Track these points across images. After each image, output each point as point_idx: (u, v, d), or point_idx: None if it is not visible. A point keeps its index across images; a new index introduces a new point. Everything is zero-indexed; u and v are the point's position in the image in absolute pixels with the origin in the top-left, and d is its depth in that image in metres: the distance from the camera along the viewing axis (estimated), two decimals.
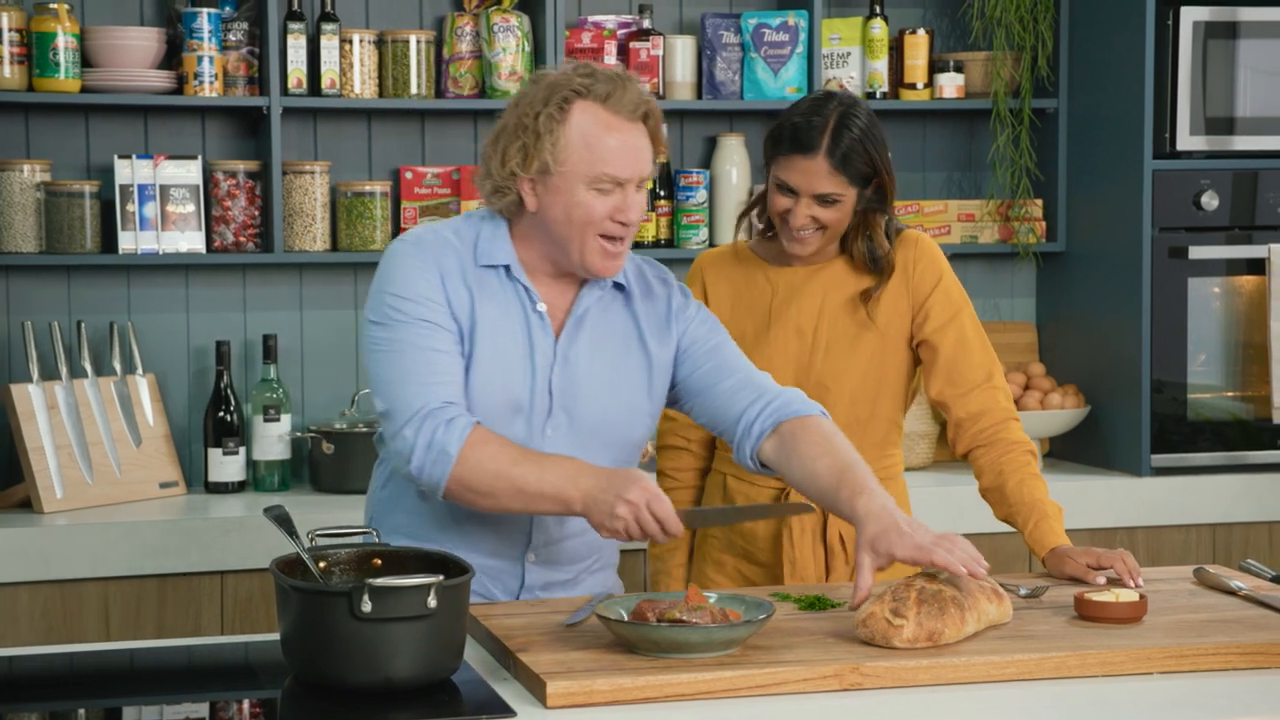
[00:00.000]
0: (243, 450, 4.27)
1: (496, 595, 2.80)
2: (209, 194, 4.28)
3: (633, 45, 4.47)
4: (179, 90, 4.24)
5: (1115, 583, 2.84)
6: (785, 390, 2.80)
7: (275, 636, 2.43)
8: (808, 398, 2.80)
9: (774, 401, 2.77)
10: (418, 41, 4.36)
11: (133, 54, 4.19)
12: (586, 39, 4.44)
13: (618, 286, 2.82)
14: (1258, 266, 4.45)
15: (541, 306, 2.74)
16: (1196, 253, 4.42)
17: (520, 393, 2.72)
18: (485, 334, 2.70)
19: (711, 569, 3.22)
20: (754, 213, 3.23)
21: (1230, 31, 4.39)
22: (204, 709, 2.38)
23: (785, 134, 3.05)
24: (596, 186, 2.66)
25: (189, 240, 4.24)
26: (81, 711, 2.38)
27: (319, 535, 2.53)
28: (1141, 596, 2.63)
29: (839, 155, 3.01)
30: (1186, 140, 4.40)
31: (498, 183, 2.71)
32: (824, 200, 3.03)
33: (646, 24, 4.51)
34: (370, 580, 2.24)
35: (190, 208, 4.24)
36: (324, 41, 4.30)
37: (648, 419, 2.84)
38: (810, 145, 3.01)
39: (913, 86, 4.63)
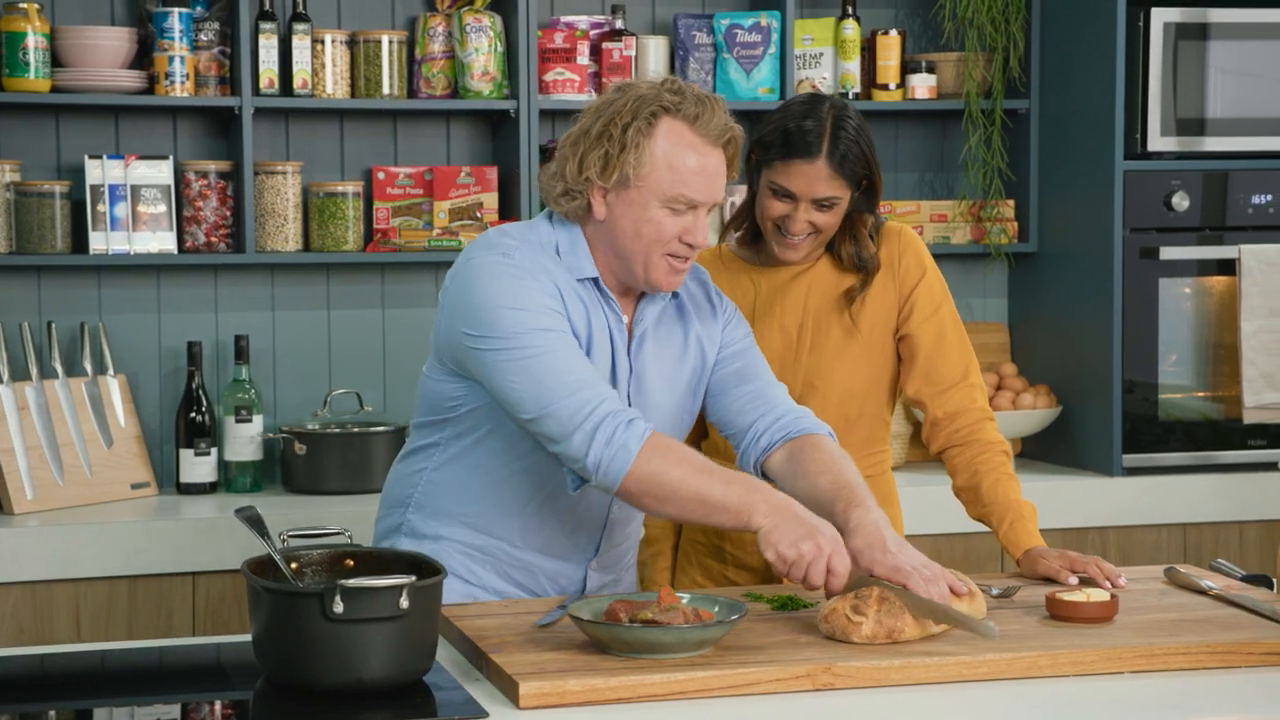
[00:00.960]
0: (214, 451, 4.26)
1: (552, 593, 2.82)
2: (180, 194, 4.27)
3: (605, 45, 4.48)
4: (150, 90, 4.23)
5: (1088, 583, 2.84)
6: (797, 407, 2.82)
7: (247, 637, 2.42)
8: (816, 417, 2.82)
9: (785, 417, 2.79)
10: (390, 42, 4.35)
11: (103, 54, 4.18)
12: (559, 39, 4.44)
13: (673, 295, 2.82)
14: (1228, 267, 4.47)
15: (625, 319, 2.74)
16: (1167, 253, 4.43)
17: None
18: (583, 339, 2.69)
19: (698, 573, 3.22)
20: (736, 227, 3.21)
21: (1201, 33, 4.41)
22: (176, 710, 2.38)
23: (780, 139, 3.01)
24: (671, 206, 2.63)
25: (160, 240, 4.23)
26: (52, 713, 2.37)
27: (291, 536, 2.53)
28: (1113, 596, 2.63)
29: (839, 158, 2.99)
30: (1157, 141, 4.42)
31: (570, 186, 2.67)
32: (822, 204, 3.02)
33: (619, 24, 4.51)
34: (342, 581, 2.23)
35: (161, 208, 4.23)
36: (296, 41, 4.29)
37: (689, 417, 2.86)
38: (811, 150, 2.99)
39: (885, 87, 4.64)
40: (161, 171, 4.24)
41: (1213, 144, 4.47)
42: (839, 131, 3.00)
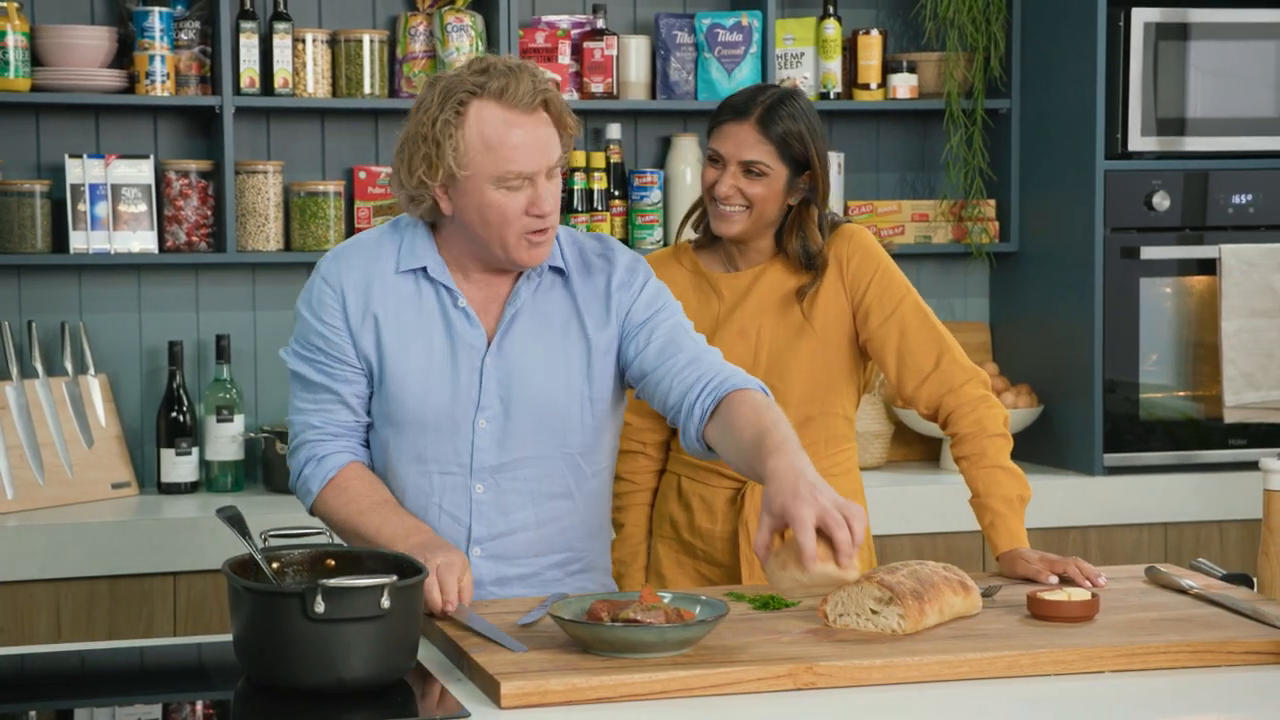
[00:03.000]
0: (196, 451, 4.25)
1: None
2: (161, 194, 4.26)
3: (586, 45, 4.48)
4: (130, 89, 4.22)
5: (1068, 582, 2.85)
6: (727, 367, 2.73)
7: (228, 637, 2.42)
8: (748, 375, 2.73)
9: (713, 379, 2.70)
10: (371, 41, 4.35)
11: (83, 53, 4.17)
12: (540, 39, 4.44)
13: (555, 270, 2.81)
14: (1209, 267, 4.48)
15: (463, 303, 2.75)
16: (1148, 253, 4.44)
17: (441, 392, 2.73)
18: (397, 344, 2.73)
19: (671, 570, 3.22)
20: (695, 215, 3.23)
21: (1181, 33, 4.42)
22: (157, 710, 2.37)
23: (724, 105, 3.11)
24: (505, 185, 2.64)
25: (141, 240, 4.22)
26: (33, 713, 2.36)
27: (272, 536, 2.53)
28: (1094, 596, 2.64)
29: (767, 122, 3.05)
30: (1138, 141, 4.42)
31: (410, 192, 2.70)
32: (750, 170, 3.05)
33: (600, 24, 4.51)
34: (323, 581, 2.23)
35: (142, 207, 4.22)
36: (276, 41, 4.29)
37: (589, 403, 2.79)
38: (741, 111, 3.08)
39: (866, 87, 4.64)
40: (142, 171, 4.23)
41: (1193, 144, 4.48)
42: (777, 104, 3.07)
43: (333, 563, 2.47)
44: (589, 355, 2.79)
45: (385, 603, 2.25)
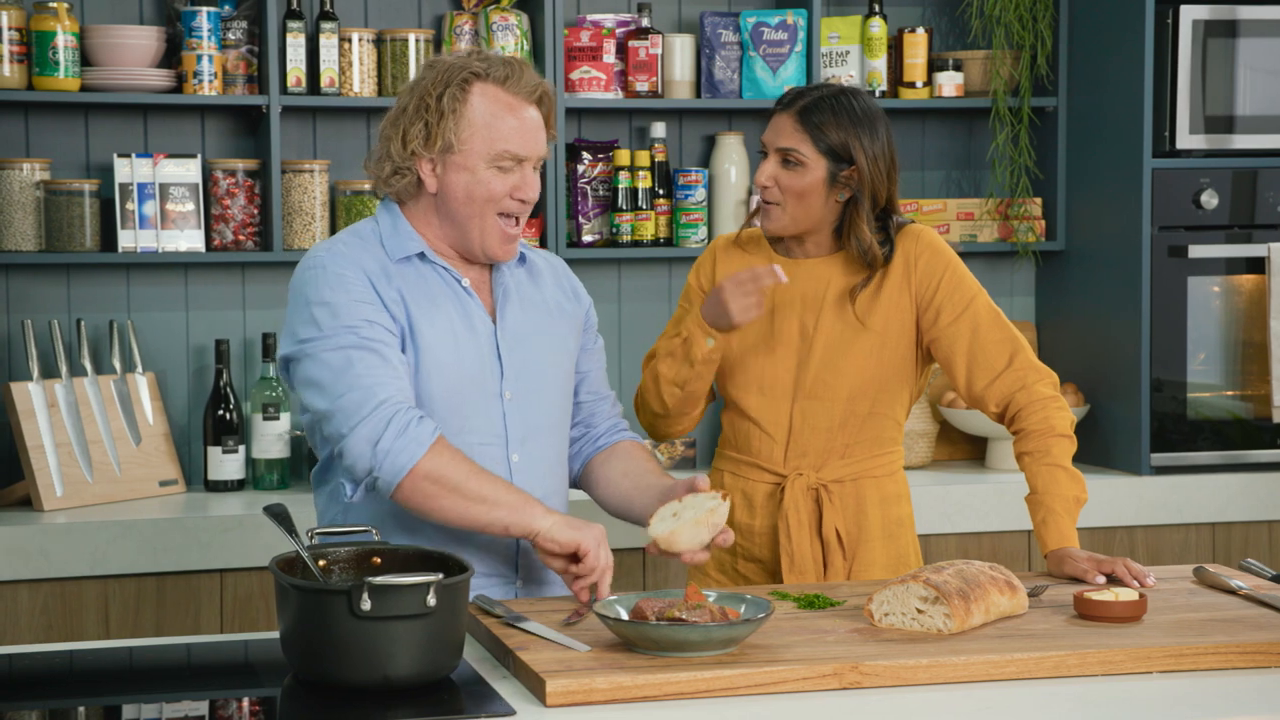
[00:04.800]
0: (242, 448, 4.27)
1: (498, 565, 2.82)
2: (208, 192, 4.28)
3: (631, 44, 4.48)
4: (178, 89, 4.24)
5: (1115, 582, 2.83)
6: (611, 423, 3.01)
7: (275, 635, 2.43)
8: (617, 428, 3.01)
9: (604, 432, 3.00)
10: (416, 40, 4.36)
11: (132, 53, 4.19)
12: (585, 37, 4.44)
13: (520, 258, 2.91)
14: (1257, 265, 4.45)
15: (466, 282, 2.81)
16: (1196, 251, 4.42)
17: (472, 364, 2.77)
18: (425, 320, 2.75)
19: (711, 567, 3.22)
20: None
21: (1230, 30, 4.39)
22: (203, 707, 2.38)
23: (776, 102, 3.14)
24: (498, 164, 2.74)
25: (188, 239, 4.24)
26: (81, 709, 2.38)
27: (318, 533, 2.54)
28: (1141, 596, 2.63)
29: (809, 115, 3.05)
30: (1186, 139, 4.40)
31: (398, 164, 2.76)
32: (787, 160, 3.06)
33: (645, 22, 4.51)
34: (370, 579, 2.24)
35: (189, 206, 4.24)
36: (323, 40, 4.30)
37: (571, 379, 2.95)
38: (788, 103, 3.10)
39: (912, 85, 4.63)
40: (190, 170, 4.25)
41: (1242, 141, 4.45)
42: (822, 97, 3.08)
43: (379, 561, 2.48)
44: (566, 342, 2.92)
45: (431, 601, 2.25)
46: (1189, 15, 4.36)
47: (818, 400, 3.10)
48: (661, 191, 4.54)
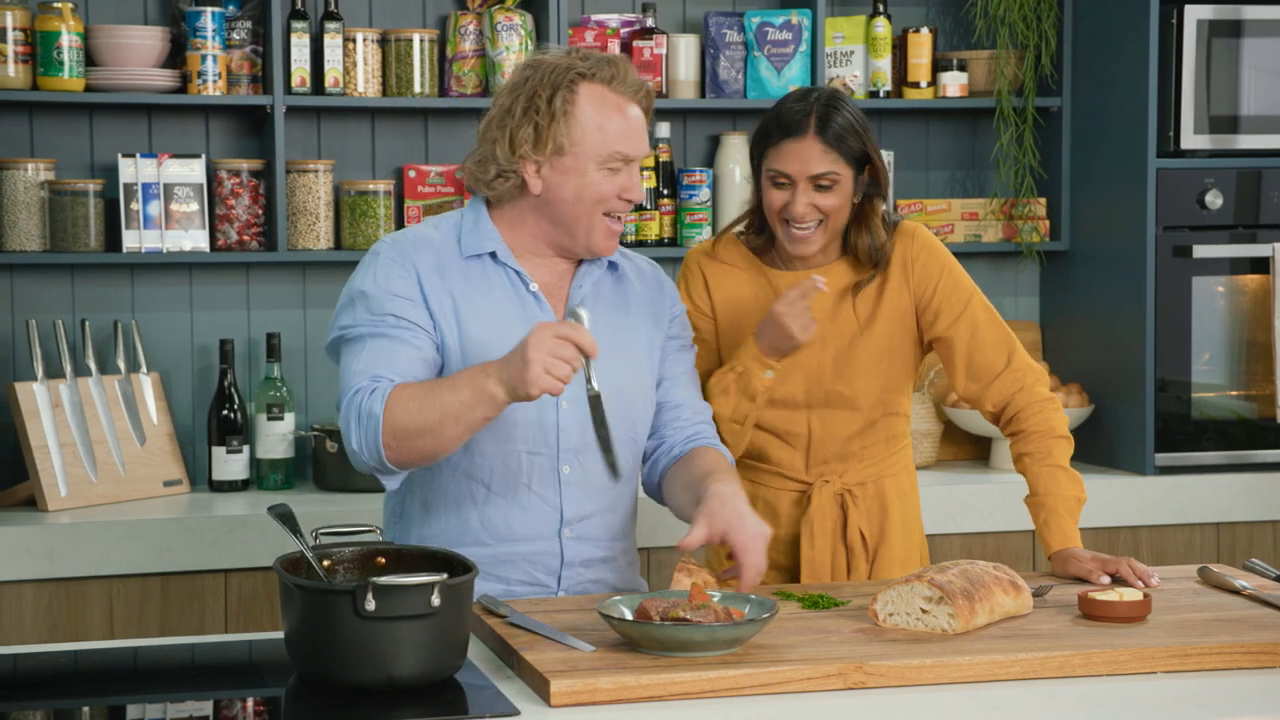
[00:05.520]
0: (246, 449, 4.27)
1: (540, 577, 2.80)
2: (213, 192, 4.28)
3: (636, 44, 4.48)
4: (183, 89, 4.24)
5: (1120, 582, 2.83)
6: (701, 430, 2.92)
7: (279, 635, 2.43)
8: (713, 433, 2.93)
9: (687, 439, 2.90)
10: (421, 40, 4.36)
11: (136, 53, 4.19)
12: (590, 38, 4.44)
13: (611, 265, 2.88)
14: (1262, 265, 4.45)
15: (534, 287, 2.78)
16: (1200, 251, 4.41)
17: None
18: (476, 322, 2.73)
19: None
20: (741, 224, 3.20)
21: (1234, 30, 4.39)
22: (208, 707, 2.39)
23: (770, 125, 3.05)
24: (608, 165, 2.72)
25: (193, 239, 4.24)
26: (85, 709, 2.38)
27: (323, 534, 2.54)
28: (1146, 596, 2.63)
29: (830, 132, 2.99)
30: (1190, 139, 4.40)
31: (503, 167, 2.73)
32: (821, 184, 3.01)
33: (650, 23, 4.51)
34: (374, 579, 2.24)
35: (194, 206, 4.24)
36: (327, 40, 4.30)
37: (651, 393, 2.88)
38: (799, 126, 3.00)
39: (916, 85, 4.63)
40: (194, 170, 4.25)
41: (1246, 141, 4.45)
42: (829, 109, 3.01)
43: (383, 561, 2.48)
44: (650, 347, 2.87)
45: (436, 601, 2.25)
46: (1193, 15, 4.36)
47: (834, 409, 3.10)
48: (666, 191, 4.54)
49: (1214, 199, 4.42)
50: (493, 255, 2.78)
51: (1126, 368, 4.49)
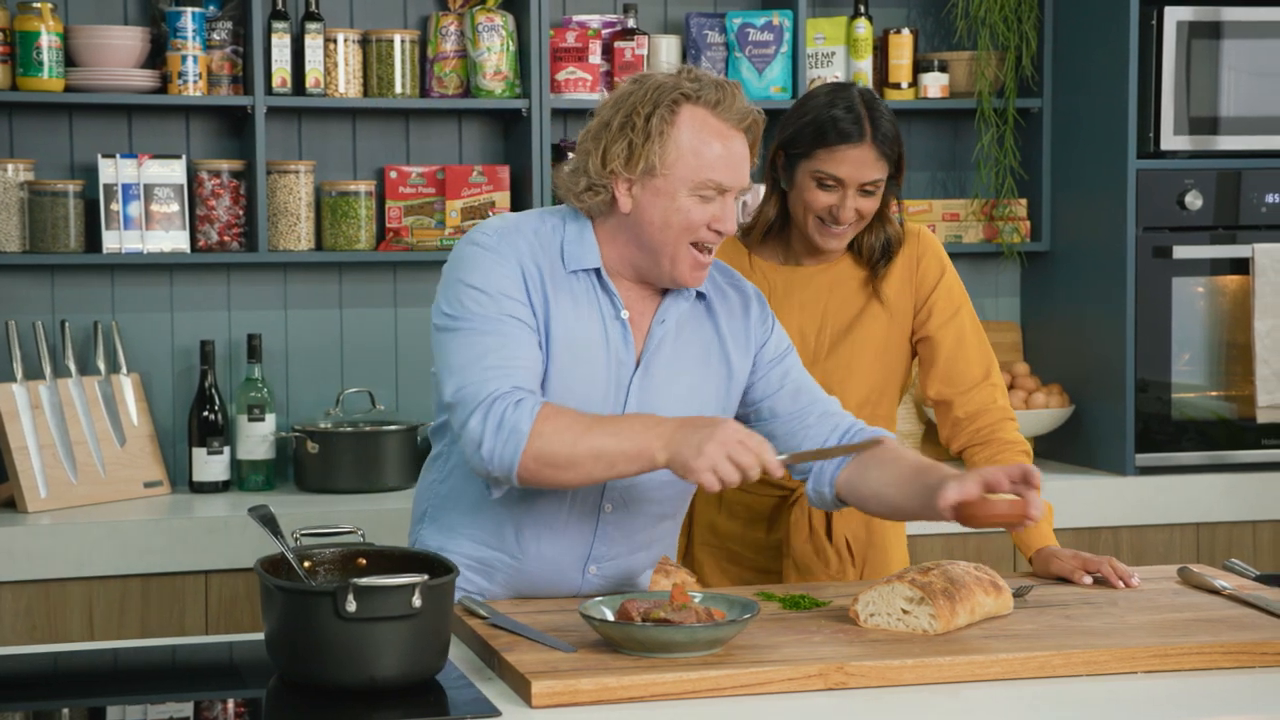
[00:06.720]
0: (227, 450, 4.26)
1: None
2: (193, 193, 4.27)
3: (617, 45, 4.47)
4: (163, 89, 4.23)
5: (1101, 583, 2.84)
6: (850, 417, 2.79)
7: (260, 636, 2.42)
8: (867, 426, 2.79)
9: (848, 430, 2.76)
10: (402, 41, 4.35)
11: (116, 53, 4.18)
12: (571, 38, 4.44)
13: (699, 295, 2.76)
14: (1242, 266, 4.46)
15: (625, 314, 2.68)
16: (1180, 252, 4.42)
17: (589, 400, 2.64)
18: (560, 339, 2.64)
19: (715, 577, 3.21)
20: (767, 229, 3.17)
21: (1214, 31, 4.40)
22: (188, 709, 2.38)
23: (818, 129, 3.00)
24: (700, 193, 2.60)
25: (173, 240, 4.23)
26: (65, 711, 2.37)
27: (304, 535, 2.53)
28: (1020, 497, 2.60)
29: (881, 139, 3.00)
30: (1170, 140, 4.41)
31: (594, 180, 2.63)
32: (867, 189, 3.02)
33: (631, 23, 4.51)
34: (355, 580, 2.24)
35: (174, 207, 4.24)
36: (308, 41, 4.30)
37: None
38: (856, 134, 2.99)
39: (897, 86, 4.64)
40: (174, 171, 4.24)
41: (1226, 143, 4.46)
42: (874, 113, 3.01)
43: (364, 562, 2.48)
44: (729, 384, 2.77)
45: (417, 602, 2.25)
46: (1173, 17, 4.37)
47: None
48: None
49: (1194, 200, 4.43)
50: (596, 273, 2.67)
51: (1107, 368, 4.50)
